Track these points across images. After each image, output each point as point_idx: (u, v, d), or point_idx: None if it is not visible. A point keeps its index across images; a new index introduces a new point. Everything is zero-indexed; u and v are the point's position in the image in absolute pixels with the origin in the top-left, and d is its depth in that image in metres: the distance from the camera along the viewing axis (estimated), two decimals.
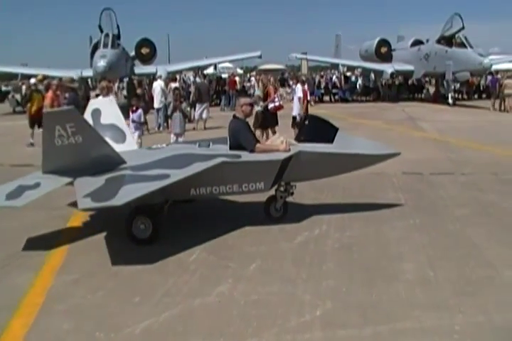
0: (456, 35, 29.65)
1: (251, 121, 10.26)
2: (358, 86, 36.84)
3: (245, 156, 6.82)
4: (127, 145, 7.64)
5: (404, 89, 37.34)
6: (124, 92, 27.66)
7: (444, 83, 30.82)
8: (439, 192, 8.98)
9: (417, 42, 36.05)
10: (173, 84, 20.76)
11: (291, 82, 35.58)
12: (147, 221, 6.41)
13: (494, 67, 35.10)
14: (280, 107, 13.76)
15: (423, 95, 37.25)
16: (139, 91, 22.63)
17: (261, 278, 5.43)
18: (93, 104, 8.45)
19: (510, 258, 5.95)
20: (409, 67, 34.33)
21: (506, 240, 6.57)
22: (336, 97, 34.19)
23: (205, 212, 7.80)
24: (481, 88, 37.31)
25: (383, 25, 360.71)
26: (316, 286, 5.21)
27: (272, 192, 7.31)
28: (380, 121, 20.02)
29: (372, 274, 5.51)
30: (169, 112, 18.09)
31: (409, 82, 38.02)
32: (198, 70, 34.80)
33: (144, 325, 4.48)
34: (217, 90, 30.69)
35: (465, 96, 36.00)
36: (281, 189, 7.32)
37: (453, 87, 30.90)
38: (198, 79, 27.62)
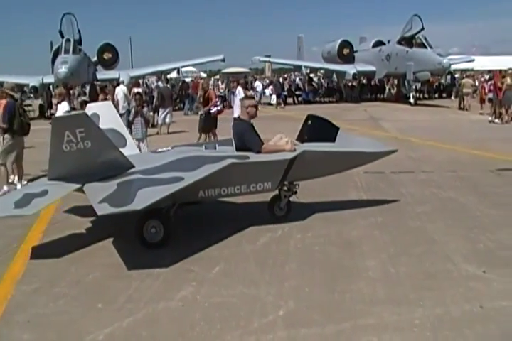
0: (416, 36, 30.23)
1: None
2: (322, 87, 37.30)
3: (253, 157, 6.89)
4: (128, 150, 7.49)
5: (367, 89, 37.91)
6: (83, 98, 27.23)
7: (406, 83, 31.43)
8: (400, 190, 9.14)
9: (379, 44, 36.58)
10: (136, 89, 20.61)
11: (254, 85, 35.66)
12: (158, 225, 6.38)
13: (453, 67, 35.86)
14: (222, 111, 13.92)
15: (385, 95, 37.90)
16: (101, 96, 22.38)
17: (224, 281, 5.44)
18: (91, 108, 8.26)
19: (467, 252, 6.13)
20: (371, 68, 34.82)
21: (464, 234, 6.75)
22: (300, 99, 34.45)
23: None
24: (441, 87, 38.12)
25: (346, 27, 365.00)
26: (278, 287, 5.25)
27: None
28: (342, 121, 20.12)
29: (335, 273, 5.58)
30: (131, 118, 17.98)
31: (372, 82, 38.59)
32: (161, 75, 34.65)
33: (107, 331, 4.45)
34: (181, 94, 30.61)
35: (426, 96, 36.70)
36: (285, 188, 7.42)
37: (414, 87, 31.54)
38: (160, 84, 27.50)
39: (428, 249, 6.26)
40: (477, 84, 29.79)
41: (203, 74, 66.82)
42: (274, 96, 31.93)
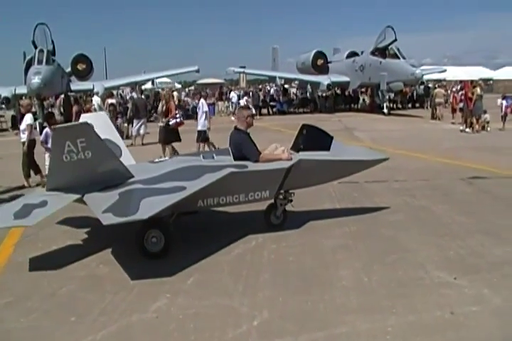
0: (390, 47, 30.64)
1: None
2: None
3: (251, 166, 7.00)
4: (124, 160, 7.39)
5: (341, 100, 38.26)
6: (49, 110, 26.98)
7: (379, 93, 31.80)
8: (374, 199, 9.24)
9: (353, 54, 36.97)
10: (110, 100, 20.56)
11: (230, 95, 35.76)
12: (159, 234, 6.39)
13: (426, 77, 36.43)
14: (181, 123, 13.93)
15: (359, 105, 38.34)
16: (75, 108, 22.27)
17: (198, 292, 5.44)
18: (85, 118, 8.09)
19: (439, 259, 6.23)
20: (345, 79, 35.16)
21: (436, 242, 6.85)
22: (274, 110, 34.59)
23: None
24: (414, 97, 38.69)
25: (320, 38, 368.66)
26: (252, 297, 5.26)
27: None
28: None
29: (309, 282, 5.61)
30: None
31: (346, 93, 38.98)
32: (135, 86, 34.53)
33: None
34: (155, 105, 30.52)
35: (399, 106, 37.20)
36: (281, 197, 7.51)
37: (387, 97, 31.89)
38: (134, 95, 27.42)
39: (401, 257, 6.33)
40: (449, 93, 30.30)
41: (178, 85, 66.76)
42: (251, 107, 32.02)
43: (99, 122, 7.96)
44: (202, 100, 15.24)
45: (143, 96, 26.65)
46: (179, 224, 7.00)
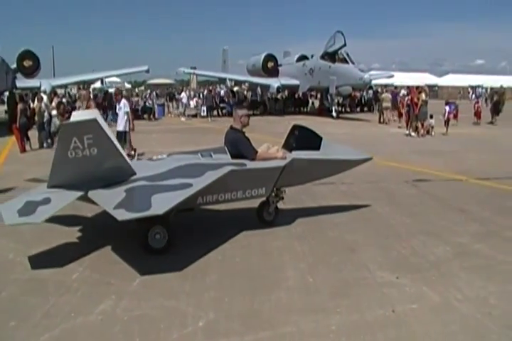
0: (339, 52, 31.14)
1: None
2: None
3: (249, 164, 7.19)
4: None
5: (291, 102, 38.61)
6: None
7: (328, 97, 32.27)
8: (320, 201, 9.38)
9: (303, 58, 37.43)
10: (57, 100, 20.06)
11: (180, 96, 35.63)
12: (162, 230, 6.49)
13: (374, 82, 37.21)
14: None
15: (308, 109, 38.77)
16: (20, 106, 21.64)
17: (144, 293, 5.40)
18: (77, 116, 7.87)
19: (382, 260, 6.38)
20: (295, 82, 35.55)
21: (380, 243, 7.03)
22: (224, 111, 34.57)
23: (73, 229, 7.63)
24: (363, 102, 39.46)
25: (271, 41, 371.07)
26: (198, 298, 5.27)
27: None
28: (266, 134, 20.50)
29: (255, 283, 5.65)
30: (52, 128, 17.46)
31: (296, 96, 39.37)
32: (84, 85, 33.95)
33: None
34: (104, 105, 30.06)
35: (348, 110, 37.85)
36: (273, 194, 7.73)
37: (336, 101, 32.44)
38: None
39: (345, 258, 6.45)
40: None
41: (128, 85, 66.04)
42: (204, 108, 32.03)
43: None
44: (123, 100, 14.87)
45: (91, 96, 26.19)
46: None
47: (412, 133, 21.07)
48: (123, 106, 14.45)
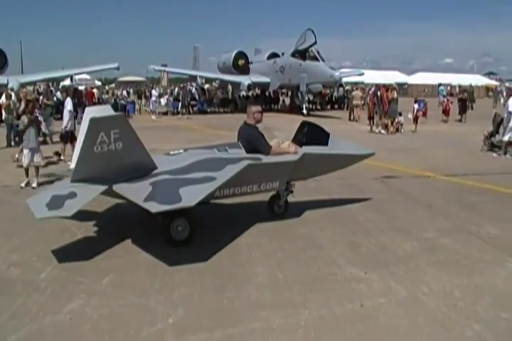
0: (310, 50, 31.21)
1: None
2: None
3: (265, 159, 7.43)
4: None
5: (261, 100, 38.56)
6: None
7: (299, 94, 32.35)
8: (290, 198, 9.40)
9: (274, 55, 37.45)
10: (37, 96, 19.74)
11: (151, 94, 35.39)
12: (184, 223, 6.66)
13: (345, 80, 37.47)
14: (39, 123, 13.66)
15: (279, 106, 38.85)
16: None
17: (114, 292, 5.38)
18: (90, 112, 7.90)
19: (351, 255, 6.47)
20: (266, 79, 35.56)
21: (349, 239, 7.12)
22: (195, 109, 34.44)
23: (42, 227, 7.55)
24: (333, 99, 39.71)
25: (242, 39, 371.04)
26: (168, 296, 5.27)
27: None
28: (236, 131, 20.55)
29: (225, 280, 5.68)
30: (21, 126, 17.13)
31: (266, 93, 39.41)
32: (53, 82, 33.40)
33: None
34: (73, 103, 29.62)
35: (318, 107, 38.03)
36: (283, 188, 7.97)
37: (307, 98, 32.54)
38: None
39: (315, 254, 6.52)
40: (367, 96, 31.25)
41: (98, 83, 65.24)
42: (179, 105, 31.94)
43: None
44: (68, 99, 14.59)
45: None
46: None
47: (382, 131, 21.28)
48: (67, 105, 14.07)
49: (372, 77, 61.62)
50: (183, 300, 5.16)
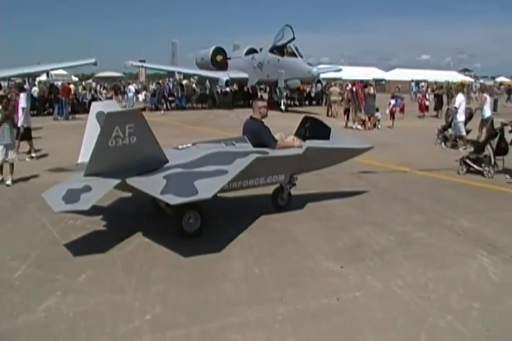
0: (288, 45, 31.23)
1: None
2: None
3: (271, 152, 7.60)
4: None
5: (240, 96, 38.57)
6: None
7: (277, 90, 32.38)
8: (267, 192, 9.42)
9: (252, 51, 37.39)
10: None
11: (127, 89, 35.16)
12: (196, 215, 6.83)
13: (323, 76, 37.57)
14: None
15: None
16: None
17: (90, 289, 5.35)
18: (97, 106, 8.12)
19: (328, 250, 6.52)
20: (244, 75, 35.51)
21: (325, 234, 7.17)
22: (173, 105, 34.30)
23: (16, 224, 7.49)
24: (311, 95, 39.82)
25: (220, 35, 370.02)
26: (145, 292, 5.26)
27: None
28: (214, 127, 20.54)
29: (201, 276, 5.69)
30: None
31: (245, 89, 39.36)
32: (29, 77, 32.93)
33: None
34: (50, 98, 29.35)
35: (297, 103, 38.11)
36: (287, 181, 8.17)
37: (285, 94, 32.55)
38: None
39: (292, 249, 6.56)
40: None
41: (75, 78, 64.60)
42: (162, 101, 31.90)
43: (110, 110, 7.68)
44: (22, 94, 14.35)
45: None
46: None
47: (359, 126, 21.41)
48: (20, 102, 13.72)
49: (350, 73, 61.97)
50: (160, 297, 5.16)
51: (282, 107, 30.96)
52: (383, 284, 5.48)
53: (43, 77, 41.66)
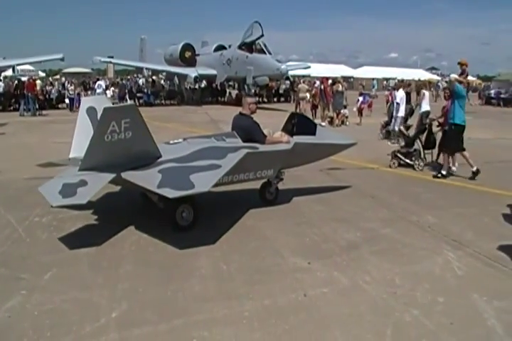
0: (257, 42, 31.26)
1: None
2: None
3: (261, 147, 7.73)
4: None
5: (208, 92, 38.53)
6: None
7: (245, 87, 32.41)
8: (234, 188, 9.39)
9: (220, 48, 37.38)
10: None
11: (95, 85, 34.69)
12: (189, 208, 6.94)
13: (292, 73, 37.71)
14: None
15: (226, 98, 38.81)
16: None
17: (56, 287, 5.27)
18: (87, 102, 8.15)
19: (295, 246, 6.54)
20: (213, 72, 35.47)
21: (293, 230, 7.20)
22: (141, 101, 34.01)
23: None
24: (280, 92, 39.97)
25: (189, 31, 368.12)
26: (112, 290, 5.21)
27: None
28: (183, 124, 20.42)
29: (169, 273, 5.66)
30: None
31: (213, 85, 39.29)
32: None
33: None
34: (16, 94, 28.82)
35: (265, 100, 38.21)
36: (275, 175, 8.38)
37: (253, 91, 32.58)
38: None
39: (259, 245, 6.57)
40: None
41: (42, 74, 63.48)
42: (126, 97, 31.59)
43: (101, 105, 7.66)
44: None
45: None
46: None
47: (323, 123, 21.50)
48: None
49: (319, 70, 62.34)
50: (127, 294, 5.11)
51: None
52: (350, 280, 5.52)
53: (9, 72, 40.78)
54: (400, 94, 16.31)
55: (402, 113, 15.92)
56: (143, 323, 4.55)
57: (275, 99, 39.15)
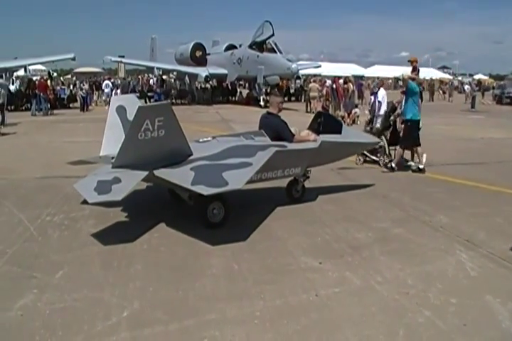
0: (267, 42, 31.26)
1: None
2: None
3: (289, 146, 7.85)
4: None
5: (219, 92, 38.56)
6: None
7: (256, 86, 32.40)
8: (245, 187, 9.36)
9: (231, 47, 37.43)
10: None
11: (103, 85, 34.86)
12: (220, 206, 7.01)
13: (302, 72, 37.67)
14: None
15: (236, 98, 38.81)
16: None
17: (68, 286, 5.28)
18: (117, 100, 8.31)
19: (307, 246, 6.51)
20: (223, 71, 35.51)
21: (304, 230, 7.17)
22: (152, 100, 33.96)
23: None
24: (290, 91, 39.87)
25: (200, 30, 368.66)
26: (123, 289, 5.20)
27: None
28: (194, 123, 20.41)
29: (180, 272, 5.65)
30: None
31: (224, 85, 39.33)
32: (6, 72, 32.51)
33: None
34: (27, 94, 29.03)
35: None
36: (302, 173, 8.49)
37: (264, 90, 32.55)
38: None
39: (271, 245, 6.54)
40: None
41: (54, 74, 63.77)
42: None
43: (130, 104, 7.96)
44: None
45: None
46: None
47: None
48: None
49: (330, 69, 62.21)
50: (138, 293, 5.11)
51: (261, 103, 30.95)
52: (362, 280, 5.49)
53: (21, 72, 41.08)
54: (382, 93, 16.24)
55: (383, 111, 15.86)
56: (154, 323, 4.54)
57: (286, 99, 39.03)
